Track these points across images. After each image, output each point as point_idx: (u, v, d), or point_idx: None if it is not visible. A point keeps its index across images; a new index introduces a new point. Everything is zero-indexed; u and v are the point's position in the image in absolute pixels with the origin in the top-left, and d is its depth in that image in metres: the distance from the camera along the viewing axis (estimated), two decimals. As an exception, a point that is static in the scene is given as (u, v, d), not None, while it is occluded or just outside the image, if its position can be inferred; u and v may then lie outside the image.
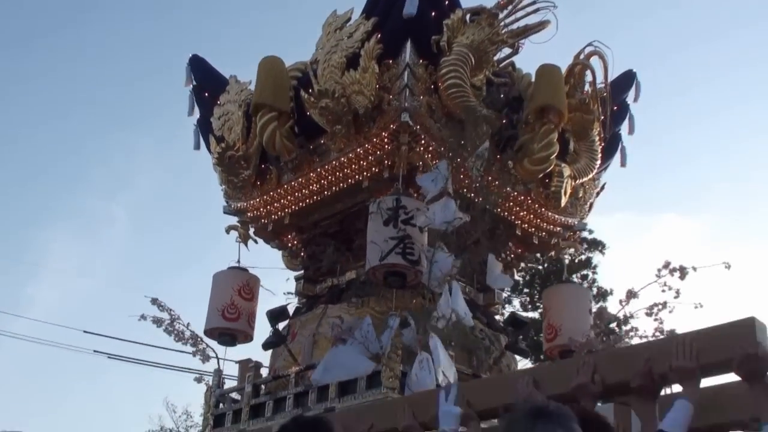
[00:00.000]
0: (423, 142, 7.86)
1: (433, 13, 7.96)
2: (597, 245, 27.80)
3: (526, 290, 26.89)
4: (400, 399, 5.92)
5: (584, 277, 27.34)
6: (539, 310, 26.49)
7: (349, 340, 6.78)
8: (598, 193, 9.60)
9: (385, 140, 7.89)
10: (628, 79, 9.62)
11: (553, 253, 9.34)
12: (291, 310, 8.43)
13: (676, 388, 4.07)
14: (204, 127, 9.49)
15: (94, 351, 16.63)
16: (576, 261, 27.42)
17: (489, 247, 8.43)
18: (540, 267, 27.36)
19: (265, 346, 8.17)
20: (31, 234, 40.15)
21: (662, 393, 4.19)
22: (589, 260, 27.52)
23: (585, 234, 27.22)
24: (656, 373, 4.09)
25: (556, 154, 8.27)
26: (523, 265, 26.23)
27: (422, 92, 7.86)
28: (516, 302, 26.66)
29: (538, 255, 25.86)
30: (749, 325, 3.86)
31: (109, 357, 16.41)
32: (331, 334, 7.36)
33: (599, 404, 4.33)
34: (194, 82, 9.69)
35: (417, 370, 6.44)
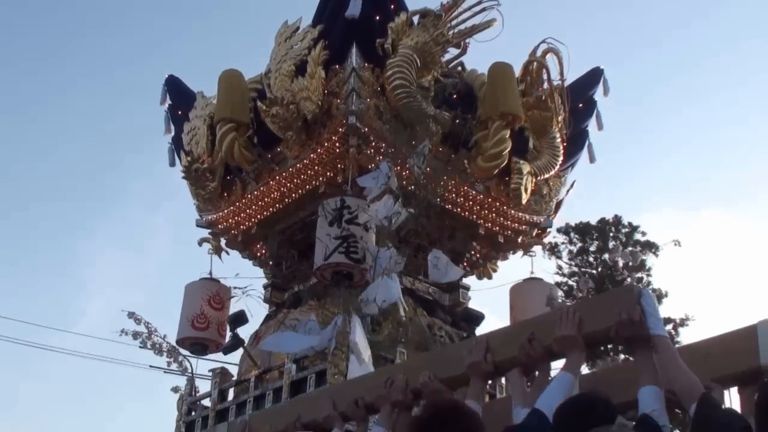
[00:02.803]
0: (373, 144, 7.98)
1: (377, 17, 8.12)
2: (650, 247, 27.46)
3: (580, 295, 26.55)
4: (322, 390, 6.01)
5: (639, 280, 26.98)
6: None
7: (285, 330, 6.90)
8: (568, 191, 9.59)
9: (336, 144, 8.04)
10: (594, 76, 9.64)
11: (521, 251, 9.28)
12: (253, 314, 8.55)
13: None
14: (178, 144, 9.74)
15: (150, 366, 16.53)
16: (629, 264, 27.10)
17: (449, 248, 8.52)
18: (593, 271, 27.11)
19: (225, 350, 8.32)
20: (76, 247, 40.85)
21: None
22: (642, 262, 27.24)
23: (638, 236, 27.26)
24: (542, 346, 4.10)
25: (508, 151, 8.31)
26: (576, 269, 26.42)
27: (369, 95, 8.01)
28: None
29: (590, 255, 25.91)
30: (630, 292, 3.86)
31: (165, 372, 16.23)
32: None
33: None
34: (170, 102, 9.98)
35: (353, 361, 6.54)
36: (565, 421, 3.19)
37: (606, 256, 27.14)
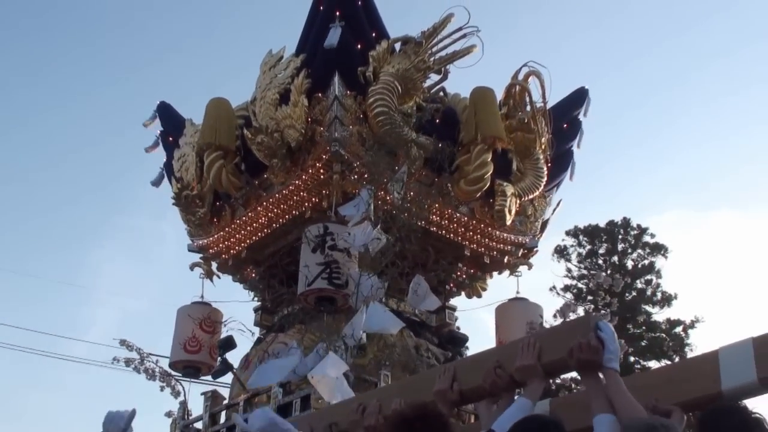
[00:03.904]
0: (356, 170, 8.12)
1: (359, 46, 8.28)
2: (659, 249, 27.37)
3: (590, 298, 26.66)
4: (301, 417, 6.13)
5: (648, 282, 26.95)
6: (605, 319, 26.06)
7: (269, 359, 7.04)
8: (554, 210, 9.71)
9: (320, 171, 8.19)
10: (579, 97, 9.78)
11: (508, 271, 9.40)
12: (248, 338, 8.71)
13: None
14: (169, 170, 9.91)
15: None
16: (639, 266, 27.08)
17: (435, 269, 8.65)
18: (603, 274, 27.01)
19: (214, 375, 8.47)
20: (83, 256, 41.20)
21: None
22: (652, 265, 27.16)
23: (647, 238, 27.11)
24: (505, 375, 4.23)
25: (490, 174, 8.44)
26: (585, 272, 26.31)
27: (352, 122, 8.15)
28: (580, 311, 26.43)
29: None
30: (587, 322, 3.99)
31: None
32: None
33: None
34: (161, 128, 10.17)
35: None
36: None
37: (615, 258, 27.22)
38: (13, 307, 33.28)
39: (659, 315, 26.66)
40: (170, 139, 10.00)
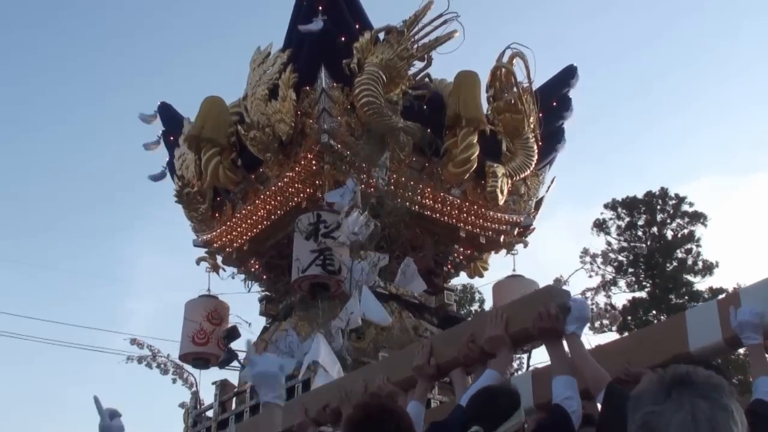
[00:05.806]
0: (347, 159, 8.34)
1: (343, 38, 8.48)
2: (698, 217, 27.16)
3: (630, 270, 26.66)
4: (295, 399, 6.37)
5: (688, 251, 26.81)
6: (646, 290, 26.26)
7: (270, 347, 7.29)
8: (548, 188, 9.88)
9: (312, 162, 8.42)
10: (568, 74, 9.92)
11: (504, 250, 9.59)
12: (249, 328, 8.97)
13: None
14: (171, 169, 10.19)
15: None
16: (679, 236, 26.97)
17: (430, 252, 8.86)
18: (643, 245, 26.91)
19: (220, 364, 8.74)
20: (119, 250, 41.91)
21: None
22: (692, 234, 27.02)
23: (685, 207, 26.86)
24: (477, 347, 4.44)
25: (476, 155, 8.61)
26: (625, 244, 26.18)
27: (340, 113, 8.37)
28: (622, 283, 26.53)
29: (641, 235, 25.48)
30: (547, 292, 4.20)
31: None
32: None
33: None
34: (163, 128, 10.44)
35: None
36: (474, 413, 3.51)
37: (654, 229, 27.06)
38: (54, 304, 34.13)
39: (701, 284, 26.50)
40: (171, 138, 10.26)
